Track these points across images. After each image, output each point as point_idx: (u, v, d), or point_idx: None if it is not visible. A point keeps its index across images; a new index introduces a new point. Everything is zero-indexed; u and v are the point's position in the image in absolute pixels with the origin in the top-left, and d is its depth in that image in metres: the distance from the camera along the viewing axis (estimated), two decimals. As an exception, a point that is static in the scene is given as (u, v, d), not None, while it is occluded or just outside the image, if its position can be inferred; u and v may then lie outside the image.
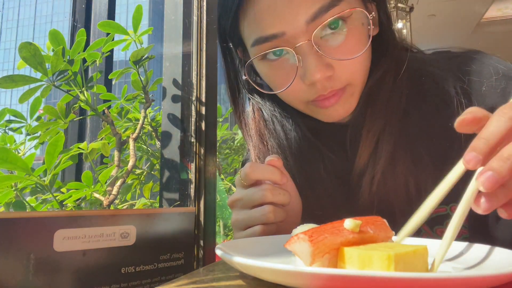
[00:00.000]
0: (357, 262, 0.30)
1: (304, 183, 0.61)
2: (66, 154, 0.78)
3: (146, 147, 1.05)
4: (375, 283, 0.25)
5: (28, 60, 0.67)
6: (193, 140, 0.82)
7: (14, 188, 0.69)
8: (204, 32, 0.85)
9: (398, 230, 0.38)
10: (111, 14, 0.99)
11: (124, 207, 0.90)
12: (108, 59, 0.93)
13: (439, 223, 0.58)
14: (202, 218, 0.79)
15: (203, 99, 0.84)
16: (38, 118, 0.85)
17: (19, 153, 0.84)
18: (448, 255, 0.40)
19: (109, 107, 0.87)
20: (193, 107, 0.84)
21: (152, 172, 1.02)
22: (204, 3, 0.86)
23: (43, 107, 0.79)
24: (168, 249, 0.55)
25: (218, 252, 0.35)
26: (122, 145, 0.80)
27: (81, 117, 0.93)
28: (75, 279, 0.45)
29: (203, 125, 0.83)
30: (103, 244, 0.47)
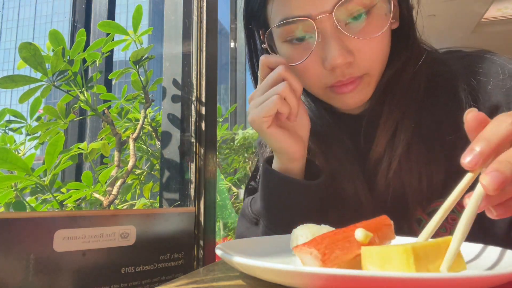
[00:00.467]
0: (377, 260, 0.30)
1: (321, 163, 0.63)
2: (66, 154, 0.78)
3: (146, 147, 1.05)
4: (375, 283, 0.25)
5: (28, 60, 0.67)
6: (193, 140, 0.82)
7: (14, 188, 0.69)
8: (204, 32, 0.85)
9: (409, 217, 0.38)
10: (111, 14, 0.99)
11: (124, 207, 0.90)
12: (108, 59, 0.93)
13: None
14: (202, 218, 0.79)
15: (203, 99, 0.84)
16: (38, 118, 0.85)
17: (19, 153, 0.84)
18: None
19: (109, 107, 0.87)
20: (193, 107, 0.84)
21: (152, 172, 1.02)
22: (204, 3, 0.86)
23: (43, 107, 0.79)
24: (168, 249, 0.55)
25: (218, 252, 0.35)
26: (122, 145, 0.80)
27: (81, 117, 0.93)
28: (75, 279, 0.45)
29: (203, 125, 0.83)
30: (103, 244, 0.47)
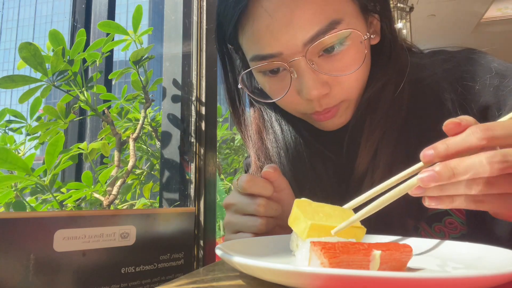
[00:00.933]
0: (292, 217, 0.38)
1: (299, 183, 0.62)
2: (66, 154, 0.78)
3: (146, 147, 1.05)
4: (375, 283, 0.25)
5: (28, 60, 0.67)
6: (193, 140, 0.82)
7: (14, 188, 0.69)
8: (204, 32, 0.85)
9: (403, 229, 0.39)
10: (111, 14, 0.98)
11: (124, 207, 0.90)
12: (108, 59, 0.93)
13: (437, 221, 0.58)
14: (202, 218, 0.79)
15: (203, 99, 0.84)
16: (38, 118, 0.85)
17: (19, 153, 0.84)
18: (448, 255, 0.40)
19: (109, 107, 0.87)
20: (193, 107, 0.84)
21: (152, 172, 1.02)
22: (204, 3, 0.86)
23: (43, 107, 0.79)
24: (168, 249, 0.55)
25: (218, 252, 0.35)
26: (122, 145, 0.80)
27: (81, 117, 0.93)
28: (75, 279, 0.45)
29: (203, 125, 0.83)
30: (103, 244, 0.47)
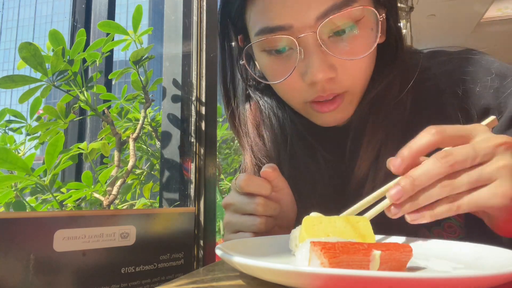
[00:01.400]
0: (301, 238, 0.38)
1: (296, 182, 0.60)
2: (66, 154, 0.78)
3: (146, 147, 1.05)
4: (375, 283, 0.25)
5: (28, 60, 0.67)
6: (193, 140, 0.82)
7: (14, 188, 0.69)
8: (204, 32, 0.85)
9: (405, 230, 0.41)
10: (111, 14, 0.98)
11: (124, 207, 0.90)
12: (108, 59, 0.93)
13: (436, 224, 0.58)
14: (202, 218, 0.79)
15: (203, 99, 0.84)
16: (38, 118, 0.85)
17: (19, 153, 0.84)
18: (448, 255, 0.40)
19: (109, 107, 0.87)
20: (193, 107, 0.84)
21: (152, 172, 1.02)
22: (204, 3, 0.86)
23: (43, 107, 0.79)
24: (168, 249, 0.55)
25: (218, 252, 0.35)
26: (122, 145, 0.80)
27: (81, 117, 0.93)
28: (75, 279, 0.45)
29: (203, 125, 0.83)
30: (103, 244, 0.47)
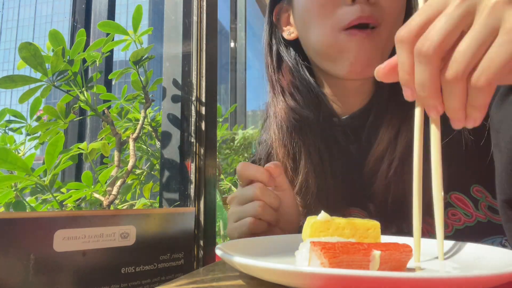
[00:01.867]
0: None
1: (316, 161, 0.63)
2: (66, 154, 0.78)
3: (146, 147, 1.05)
4: (375, 283, 0.25)
5: (28, 60, 0.67)
6: (193, 140, 0.82)
7: (14, 188, 0.69)
8: (204, 32, 0.85)
9: (409, 216, 0.40)
10: (111, 14, 0.98)
11: (124, 207, 0.90)
12: (108, 59, 0.93)
13: None
14: (202, 218, 0.79)
15: (203, 99, 0.84)
16: (38, 118, 0.85)
17: (19, 153, 0.84)
18: (448, 255, 0.40)
19: (109, 107, 0.87)
20: (193, 107, 0.84)
21: (152, 172, 1.02)
22: (204, 3, 0.86)
23: (43, 107, 0.79)
24: (168, 249, 0.55)
25: (218, 252, 0.35)
26: (122, 145, 0.80)
27: (81, 117, 0.93)
28: (75, 279, 0.45)
29: (203, 125, 0.83)
30: (103, 244, 0.47)
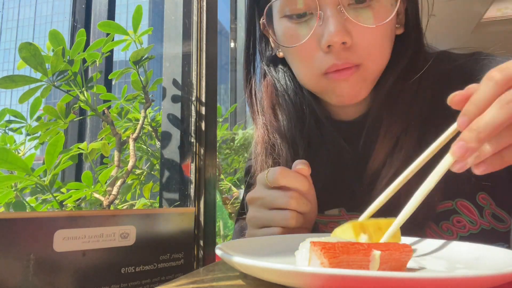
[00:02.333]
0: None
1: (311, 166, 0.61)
2: (66, 154, 0.78)
3: (146, 147, 1.05)
4: (375, 283, 0.25)
5: (28, 60, 0.67)
6: (193, 140, 0.82)
7: (14, 188, 0.69)
8: (204, 32, 0.85)
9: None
10: (111, 14, 0.98)
11: (124, 207, 0.90)
12: (108, 59, 0.93)
13: (445, 219, 0.57)
14: (202, 218, 0.79)
15: (203, 99, 0.84)
16: (38, 118, 0.85)
17: (19, 153, 0.84)
18: (448, 255, 0.40)
19: (109, 107, 0.87)
20: (193, 107, 0.84)
21: (152, 172, 1.02)
22: (204, 3, 0.86)
23: (43, 107, 0.79)
24: (168, 249, 0.55)
25: (218, 252, 0.35)
26: (122, 145, 0.80)
27: (81, 117, 0.93)
28: (75, 279, 0.45)
29: (203, 125, 0.83)
30: (103, 245, 0.47)
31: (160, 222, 0.54)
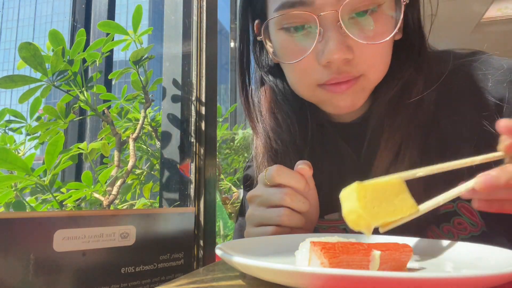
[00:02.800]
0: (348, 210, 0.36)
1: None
2: (66, 154, 0.78)
3: (146, 147, 1.05)
4: (375, 283, 0.25)
5: (28, 60, 0.67)
6: (193, 140, 0.82)
7: (14, 188, 0.69)
8: (204, 32, 0.85)
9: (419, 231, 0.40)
10: (111, 14, 0.98)
11: (124, 207, 0.90)
12: (108, 59, 0.93)
13: (446, 221, 0.57)
14: (202, 218, 0.79)
15: (203, 99, 0.84)
16: (38, 118, 0.85)
17: (19, 153, 0.84)
18: (448, 255, 0.40)
19: (109, 107, 0.87)
20: (193, 107, 0.84)
21: (152, 172, 1.02)
22: (204, 3, 0.86)
23: (43, 107, 0.79)
24: (168, 249, 0.55)
25: (218, 252, 0.35)
26: (122, 145, 0.80)
27: (81, 117, 0.93)
28: (75, 279, 0.45)
29: (203, 125, 0.83)
30: (103, 244, 0.47)
31: (160, 222, 0.54)
